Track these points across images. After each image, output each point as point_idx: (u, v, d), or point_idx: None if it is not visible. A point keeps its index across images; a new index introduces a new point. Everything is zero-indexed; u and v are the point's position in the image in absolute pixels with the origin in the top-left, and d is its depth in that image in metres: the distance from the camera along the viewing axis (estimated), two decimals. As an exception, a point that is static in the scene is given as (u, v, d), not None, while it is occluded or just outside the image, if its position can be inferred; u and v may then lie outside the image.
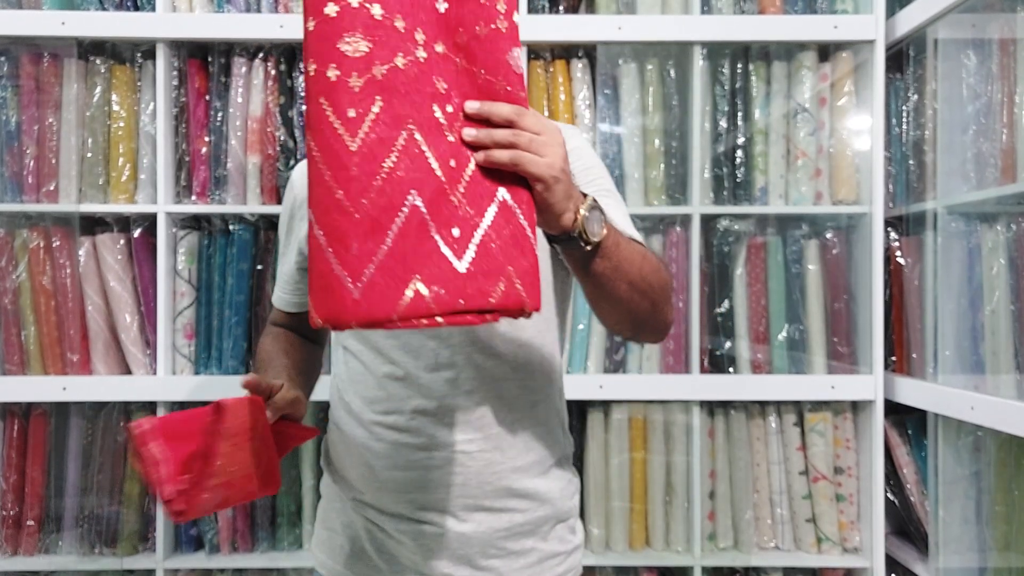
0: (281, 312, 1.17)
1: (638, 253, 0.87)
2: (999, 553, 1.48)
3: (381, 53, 0.69)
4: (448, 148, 0.71)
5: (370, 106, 0.68)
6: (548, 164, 0.74)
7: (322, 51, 0.68)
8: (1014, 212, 1.47)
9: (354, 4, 0.68)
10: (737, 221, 1.74)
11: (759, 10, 1.74)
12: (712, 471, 1.75)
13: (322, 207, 0.67)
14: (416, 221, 0.69)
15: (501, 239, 0.72)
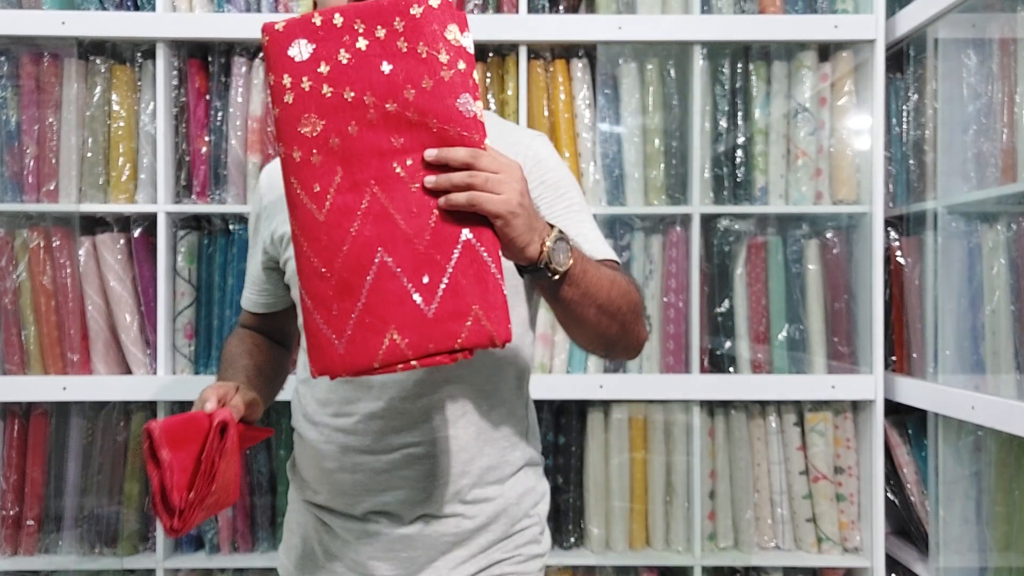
0: (248, 313, 1.17)
1: (606, 278, 0.88)
2: (999, 553, 1.48)
3: (334, 126, 0.76)
4: (411, 199, 0.77)
5: (332, 177, 0.77)
6: (504, 200, 0.76)
7: (286, 135, 0.77)
8: (1014, 212, 1.47)
9: (306, 88, 0.77)
10: (737, 221, 1.74)
11: (759, 10, 1.74)
12: (712, 471, 1.75)
13: (305, 275, 0.77)
14: (386, 275, 0.76)
15: (467, 278, 0.76)
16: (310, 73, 0.76)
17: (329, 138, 0.76)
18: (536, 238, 0.80)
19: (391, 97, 0.76)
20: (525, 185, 0.79)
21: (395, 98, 0.77)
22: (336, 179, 0.76)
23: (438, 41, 0.77)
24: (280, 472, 1.71)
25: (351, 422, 0.98)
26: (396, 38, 0.77)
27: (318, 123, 0.76)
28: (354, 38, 0.77)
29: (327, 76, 0.76)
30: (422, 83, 0.76)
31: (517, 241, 0.78)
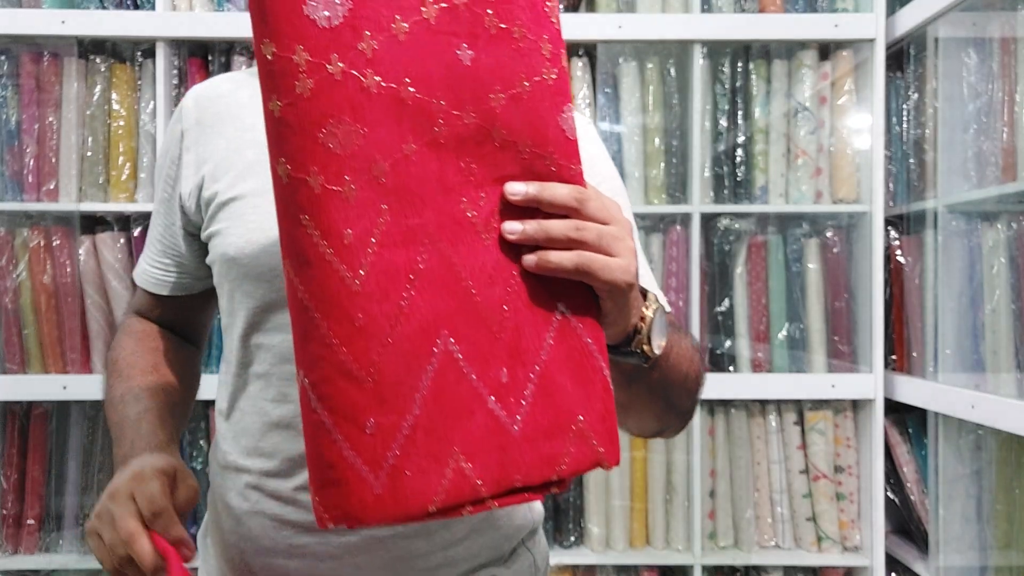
0: (148, 295, 0.83)
1: (686, 350, 0.69)
2: (1000, 551, 1.48)
3: (382, 142, 0.49)
4: (484, 255, 0.53)
5: (375, 221, 0.49)
6: (623, 268, 0.55)
7: (296, 146, 0.48)
8: (1015, 211, 1.47)
9: (335, 73, 0.48)
10: (737, 220, 1.74)
11: (759, 9, 1.74)
12: (712, 470, 1.75)
13: (319, 372, 0.48)
14: (450, 371, 0.51)
15: (565, 374, 0.55)
16: (343, 48, 0.48)
17: (372, 160, 0.49)
18: (636, 312, 0.59)
19: (472, 103, 0.52)
20: (634, 239, 0.60)
21: (477, 105, 0.52)
22: (380, 225, 0.49)
23: (543, 22, 0.54)
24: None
25: (290, 487, 0.69)
26: (484, 8, 0.52)
27: (355, 133, 0.48)
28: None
29: (372, 57, 0.49)
30: (517, 85, 0.53)
31: (619, 319, 0.58)
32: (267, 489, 0.71)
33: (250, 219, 0.70)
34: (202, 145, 0.74)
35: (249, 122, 0.74)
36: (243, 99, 0.76)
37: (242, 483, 0.72)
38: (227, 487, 0.74)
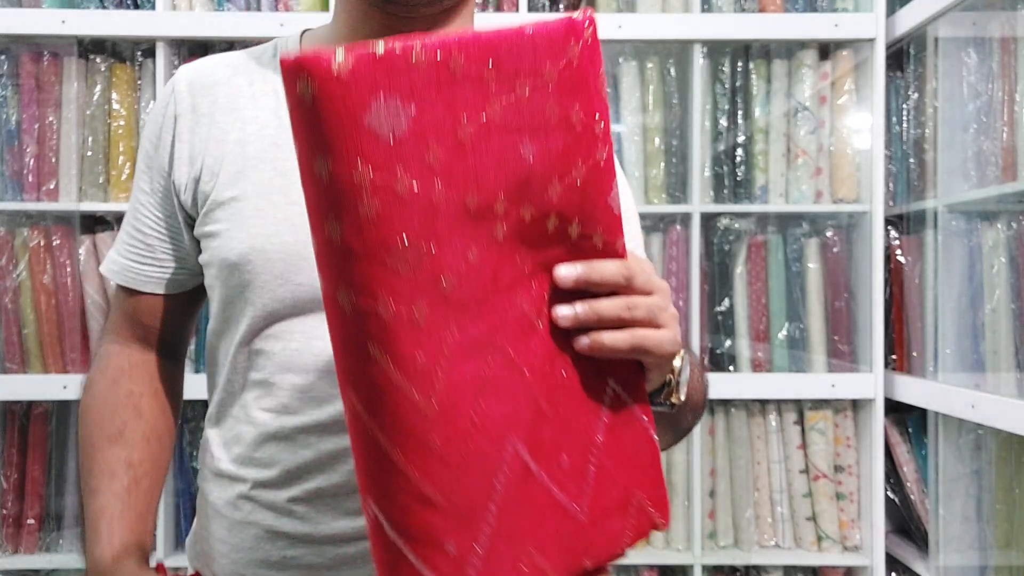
0: (137, 299, 0.77)
1: (699, 389, 0.70)
2: (1000, 551, 1.48)
3: (449, 255, 0.45)
4: (539, 344, 0.50)
5: (444, 339, 0.45)
6: (672, 340, 0.55)
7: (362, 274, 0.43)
8: (1015, 210, 1.47)
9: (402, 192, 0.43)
10: (737, 219, 1.74)
11: (759, 8, 1.74)
12: (712, 469, 1.75)
13: (394, 502, 0.46)
14: (519, 473, 0.49)
15: (620, 450, 0.54)
16: (409, 161, 0.43)
17: (440, 276, 0.45)
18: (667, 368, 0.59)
19: (530, 199, 0.48)
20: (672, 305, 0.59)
21: (534, 200, 0.48)
22: (449, 342, 0.45)
23: (596, 99, 0.50)
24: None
25: (284, 498, 0.68)
26: (546, 98, 0.47)
27: (425, 253, 0.44)
28: (483, 94, 0.45)
29: (439, 168, 0.44)
30: (573, 172, 0.49)
31: (658, 380, 0.58)
32: (261, 500, 0.69)
33: (253, 223, 0.67)
34: (198, 135, 0.70)
35: (249, 114, 0.70)
36: (241, 87, 0.72)
37: (234, 493, 0.70)
38: (218, 494, 0.72)
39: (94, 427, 0.74)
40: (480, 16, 1.69)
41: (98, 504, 0.71)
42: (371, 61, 0.41)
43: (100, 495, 0.72)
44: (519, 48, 0.46)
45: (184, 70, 0.74)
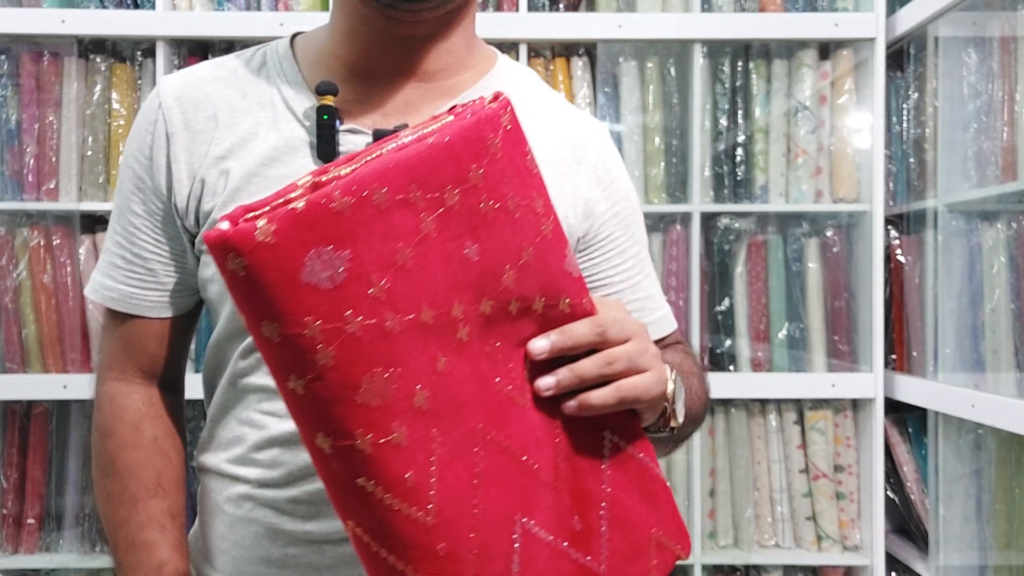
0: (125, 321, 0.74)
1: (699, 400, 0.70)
2: (1000, 551, 1.48)
3: (415, 372, 0.46)
4: (528, 420, 0.52)
5: (429, 451, 0.46)
6: (657, 380, 0.56)
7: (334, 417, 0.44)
8: (1015, 210, 1.47)
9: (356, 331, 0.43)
10: (737, 219, 1.74)
11: (759, 8, 1.74)
12: (712, 469, 1.75)
13: None
14: (533, 546, 0.50)
15: (629, 496, 0.55)
16: (355, 301, 0.44)
17: (412, 395, 0.46)
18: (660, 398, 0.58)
19: (486, 294, 0.49)
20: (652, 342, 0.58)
21: (491, 293, 0.49)
22: (435, 450, 0.46)
23: (527, 179, 0.51)
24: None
25: (286, 497, 0.68)
26: (477, 197, 0.48)
27: (390, 379, 0.45)
28: (414, 216, 0.46)
29: (386, 298, 0.45)
30: (522, 256, 0.50)
31: (653, 414, 0.59)
32: (262, 498, 0.69)
33: None
34: (195, 154, 0.69)
35: (247, 129, 0.69)
36: (235, 100, 0.70)
37: (235, 491, 0.70)
38: (218, 492, 0.72)
39: (130, 479, 0.72)
40: (481, 16, 1.69)
41: (159, 557, 0.71)
42: (294, 220, 0.42)
43: (158, 548, 0.71)
44: (440, 162, 0.47)
45: (169, 84, 0.71)
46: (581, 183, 0.70)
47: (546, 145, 0.70)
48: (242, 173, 0.68)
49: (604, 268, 0.73)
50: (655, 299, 0.76)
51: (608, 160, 0.73)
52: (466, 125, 0.48)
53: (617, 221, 0.73)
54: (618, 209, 0.73)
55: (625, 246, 0.73)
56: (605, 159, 0.73)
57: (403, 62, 0.69)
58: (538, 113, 0.71)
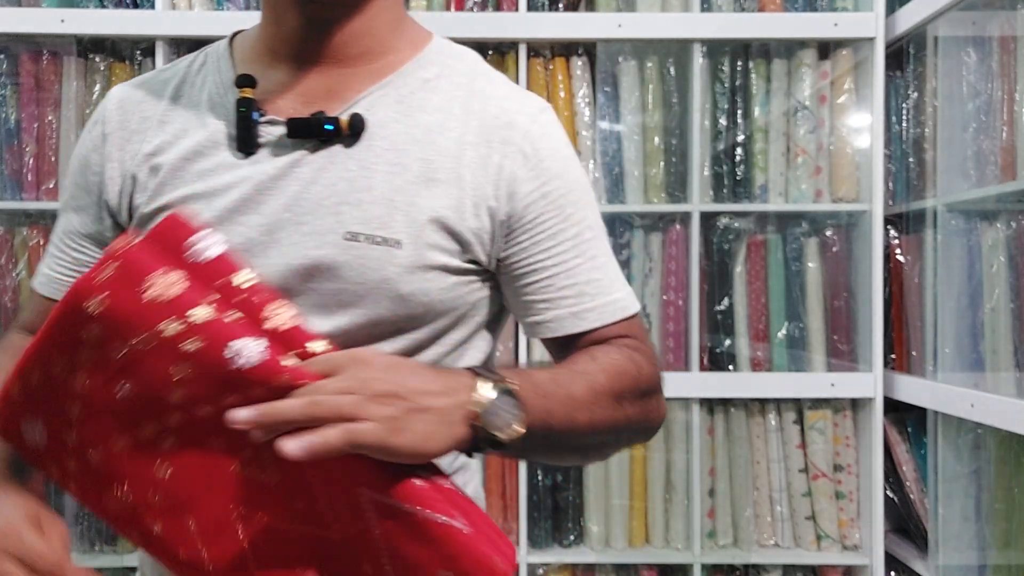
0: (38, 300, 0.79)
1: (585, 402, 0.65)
2: (999, 550, 1.48)
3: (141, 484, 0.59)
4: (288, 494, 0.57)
5: (187, 532, 0.58)
6: (391, 430, 0.54)
7: (113, 526, 0.61)
8: (1014, 210, 1.47)
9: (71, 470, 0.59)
10: (737, 219, 1.74)
11: (759, 8, 1.74)
12: (712, 468, 1.75)
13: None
14: None
15: (409, 544, 0.56)
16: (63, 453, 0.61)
17: (149, 499, 0.59)
18: (451, 420, 0.56)
19: (155, 415, 0.58)
20: (387, 362, 0.58)
21: (161, 412, 0.58)
22: (196, 533, 0.58)
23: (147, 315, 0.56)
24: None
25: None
26: (107, 352, 0.57)
27: (123, 495, 0.60)
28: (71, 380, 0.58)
29: (79, 443, 0.60)
30: (174, 375, 0.56)
31: (420, 447, 0.55)
32: None
33: None
34: (128, 152, 0.72)
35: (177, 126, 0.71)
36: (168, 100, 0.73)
37: None
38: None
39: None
40: (480, 14, 1.69)
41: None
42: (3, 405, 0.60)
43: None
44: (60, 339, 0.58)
45: (117, 89, 0.76)
46: (505, 164, 0.69)
47: (473, 125, 0.69)
48: (168, 168, 0.70)
49: (534, 252, 0.71)
50: (598, 284, 0.72)
51: (537, 140, 0.72)
52: (58, 311, 0.57)
53: (547, 202, 0.70)
54: (548, 189, 0.71)
55: (558, 228, 0.71)
56: (534, 139, 0.71)
57: (323, 47, 0.70)
58: (465, 94, 0.71)
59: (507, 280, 0.73)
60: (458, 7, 1.71)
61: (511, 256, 0.71)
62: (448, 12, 1.70)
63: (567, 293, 0.71)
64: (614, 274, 0.75)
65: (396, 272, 0.66)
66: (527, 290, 0.72)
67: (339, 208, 0.67)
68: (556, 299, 0.71)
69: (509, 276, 0.72)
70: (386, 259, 0.66)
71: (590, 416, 0.66)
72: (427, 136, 0.69)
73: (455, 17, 1.68)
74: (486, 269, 0.72)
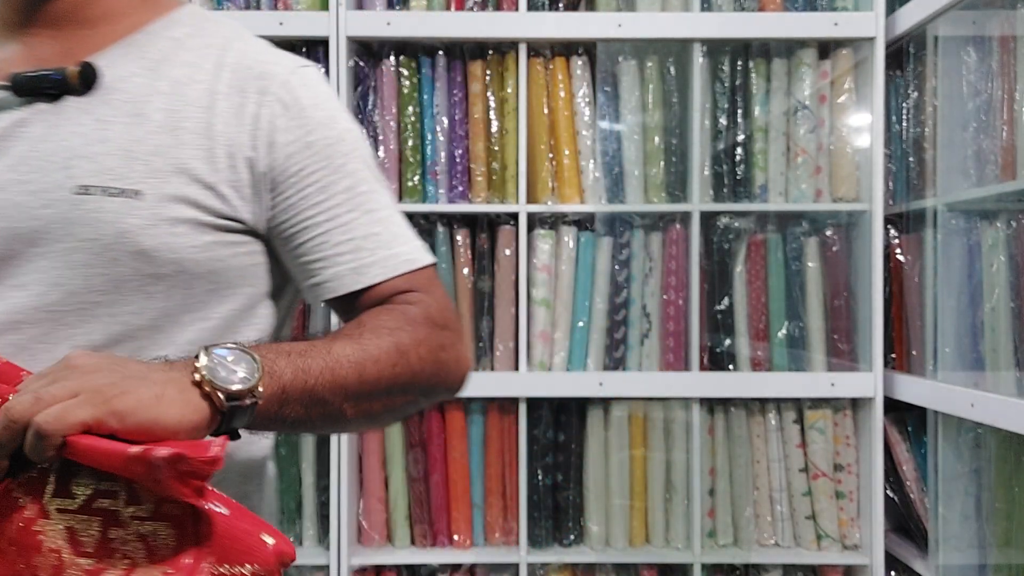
0: None
1: (353, 362, 0.61)
2: (999, 550, 1.48)
3: None
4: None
5: None
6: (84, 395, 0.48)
7: None
8: (1014, 209, 1.47)
9: None
10: (737, 218, 1.74)
11: (759, 7, 1.74)
12: (712, 468, 1.75)
13: None
14: None
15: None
16: None
17: None
18: (180, 386, 0.52)
19: None
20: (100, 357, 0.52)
21: None
22: None
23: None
24: (281, 468, 1.72)
25: None
26: None
27: None
28: None
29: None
30: None
31: (157, 412, 0.50)
32: None
33: None
34: None
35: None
36: None
37: None
38: None
39: None
40: (480, 14, 1.69)
41: None
42: None
43: None
44: None
45: None
46: (263, 113, 0.66)
47: (226, 77, 0.66)
48: None
49: (304, 208, 0.67)
50: (378, 238, 0.68)
51: (297, 89, 0.68)
52: None
53: (311, 152, 0.67)
54: (312, 139, 0.67)
55: (327, 181, 0.67)
56: (293, 88, 0.68)
57: (56, 11, 0.66)
58: (219, 52, 0.68)
59: (282, 243, 0.68)
60: (458, 7, 1.71)
61: (280, 215, 0.67)
62: (448, 12, 1.70)
63: (344, 249, 0.67)
64: (398, 228, 0.70)
65: (136, 224, 0.61)
66: (302, 250, 0.68)
67: (70, 163, 0.62)
68: (333, 256, 0.67)
69: (282, 238, 0.68)
70: (124, 211, 0.61)
71: (364, 379, 0.62)
72: (174, 89, 0.65)
73: (455, 17, 1.68)
74: (254, 231, 0.68)
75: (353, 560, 1.67)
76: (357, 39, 1.66)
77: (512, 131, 1.69)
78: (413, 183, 1.71)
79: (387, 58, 1.69)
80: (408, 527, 1.73)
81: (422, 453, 1.72)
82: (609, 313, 1.73)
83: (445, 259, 1.71)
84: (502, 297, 1.71)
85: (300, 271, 0.69)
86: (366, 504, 1.72)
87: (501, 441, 1.72)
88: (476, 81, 1.72)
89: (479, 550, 1.71)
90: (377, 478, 1.72)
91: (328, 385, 0.60)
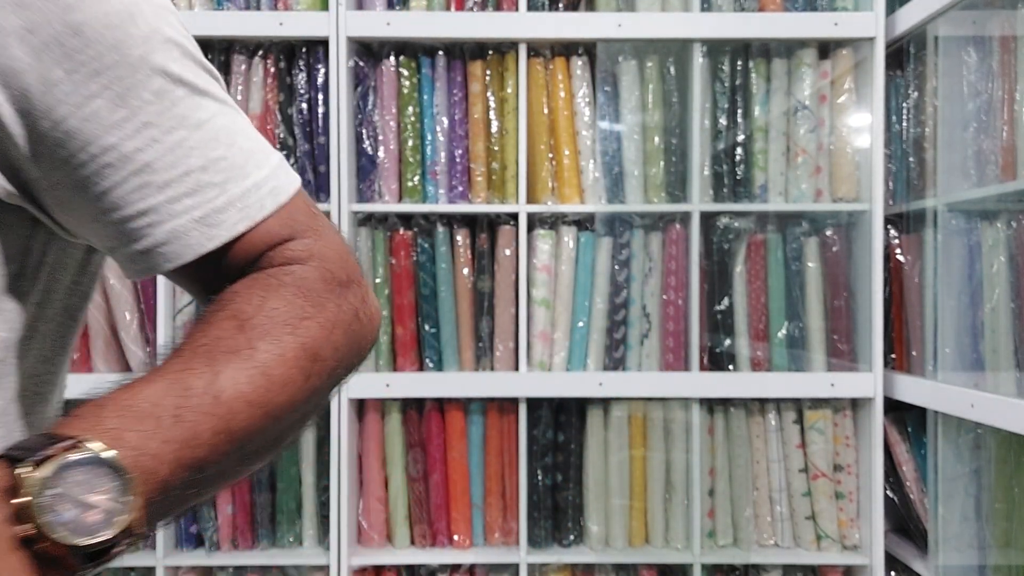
0: None
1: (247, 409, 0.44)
2: (999, 550, 1.48)
3: None
4: None
5: None
6: None
7: None
8: (1014, 209, 1.47)
9: None
10: (737, 218, 1.74)
11: (759, 7, 1.74)
12: (712, 468, 1.75)
13: None
14: None
15: None
16: None
17: None
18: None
19: None
20: None
21: None
22: None
23: None
24: (281, 468, 1.72)
25: None
26: None
27: None
28: None
29: None
30: None
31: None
32: None
33: None
34: None
35: None
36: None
37: None
38: None
39: None
40: (480, 14, 1.69)
41: None
42: None
43: None
44: None
45: None
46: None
47: None
48: None
49: (97, 132, 0.43)
50: (224, 164, 0.46)
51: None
52: None
53: (83, 42, 0.42)
54: (80, 20, 0.42)
55: (129, 83, 0.43)
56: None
57: None
58: None
59: (69, 200, 0.45)
60: (458, 7, 1.71)
61: (55, 153, 0.43)
62: (448, 12, 1.70)
63: (179, 190, 0.45)
64: (247, 141, 0.48)
65: None
66: (108, 202, 0.44)
67: None
68: (163, 204, 0.45)
69: (70, 191, 0.44)
70: None
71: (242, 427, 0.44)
72: None
73: (455, 17, 1.68)
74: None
75: (353, 560, 1.67)
76: (357, 39, 1.66)
77: (512, 131, 1.69)
78: (413, 183, 1.71)
79: (387, 58, 1.70)
80: (408, 527, 1.73)
81: (422, 453, 1.72)
82: (609, 313, 1.73)
83: (445, 259, 1.71)
84: (502, 297, 1.71)
85: (114, 235, 0.46)
86: (366, 504, 1.72)
87: (501, 441, 1.72)
88: (476, 81, 1.72)
89: (479, 550, 1.71)
90: (377, 478, 1.72)
91: (223, 448, 0.43)
